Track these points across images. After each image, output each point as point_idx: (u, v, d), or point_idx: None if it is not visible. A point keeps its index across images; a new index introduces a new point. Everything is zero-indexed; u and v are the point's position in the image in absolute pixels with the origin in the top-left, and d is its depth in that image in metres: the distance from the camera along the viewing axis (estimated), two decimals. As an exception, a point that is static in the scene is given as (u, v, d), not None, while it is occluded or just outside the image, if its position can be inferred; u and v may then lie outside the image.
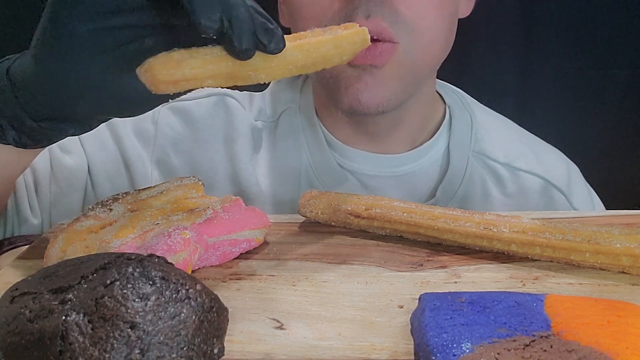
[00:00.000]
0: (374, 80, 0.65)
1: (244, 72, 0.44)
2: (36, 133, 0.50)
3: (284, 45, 0.43)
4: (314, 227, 0.61)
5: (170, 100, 0.48)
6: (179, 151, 0.76)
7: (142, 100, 0.48)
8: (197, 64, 0.43)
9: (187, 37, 0.44)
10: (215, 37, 0.42)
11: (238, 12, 0.41)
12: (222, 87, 0.45)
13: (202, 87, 0.44)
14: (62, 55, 0.44)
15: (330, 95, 0.70)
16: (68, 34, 0.43)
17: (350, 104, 0.67)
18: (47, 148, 0.64)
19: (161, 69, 0.42)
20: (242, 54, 0.42)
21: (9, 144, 0.51)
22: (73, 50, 0.44)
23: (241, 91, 0.47)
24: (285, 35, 0.44)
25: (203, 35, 0.42)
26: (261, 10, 0.43)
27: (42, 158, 0.70)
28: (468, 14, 0.74)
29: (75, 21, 0.43)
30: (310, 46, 0.46)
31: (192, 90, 0.44)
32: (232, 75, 0.44)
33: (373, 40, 0.63)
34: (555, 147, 0.84)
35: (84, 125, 0.51)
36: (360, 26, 0.49)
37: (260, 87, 0.46)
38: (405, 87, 0.68)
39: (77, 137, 0.72)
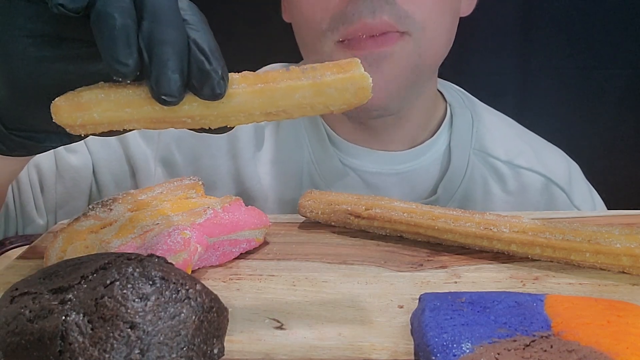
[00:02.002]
0: (378, 75, 0.65)
1: (176, 118, 0.37)
2: (9, 141, 0.45)
3: (223, 92, 0.36)
4: (314, 227, 0.61)
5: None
6: (182, 149, 0.76)
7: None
8: (110, 107, 0.37)
9: None
10: (129, 82, 0.36)
11: (162, 51, 0.35)
12: (157, 126, 0.38)
13: (126, 128, 0.38)
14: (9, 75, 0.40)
15: None
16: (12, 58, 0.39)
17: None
18: None
19: (64, 110, 0.37)
20: (160, 100, 0.35)
21: None
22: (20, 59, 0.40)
23: (198, 132, 0.40)
24: (247, 73, 0.38)
25: (116, 78, 0.36)
26: (208, 42, 0.36)
27: (48, 158, 0.70)
28: (469, 12, 0.74)
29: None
30: (276, 92, 0.37)
31: (114, 131, 0.38)
32: (159, 120, 0.37)
33: (379, 34, 0.63)
34: (555, 146, 0.84)
35: (62, 137, 0.46)
36: (364, 70, 0.38)
37: (216, 131, 0.40)
38: (407, 86, 0.68)
39: None
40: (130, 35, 0.35)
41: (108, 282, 0.34)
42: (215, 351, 0.36)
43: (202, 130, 0.40)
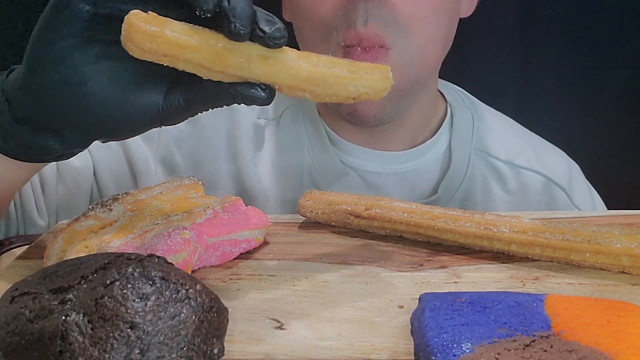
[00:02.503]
0: None
1: (235, 57, 0.40)
2: (19, 138, 0.47)
3: (285, 38, 0.41)
4: (314, 227, 0.61)
5: (161, 124, 0.46)
6: (182, 149, 0.76)
7: (130, 120, 0.46)
8: (182, 30, 0.40)
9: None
10: (210, 16, 0.40)
11: None
12: (209, 69, 0.41)
13: (183, 60, 0.41)
14: (58, 34, 0.43)
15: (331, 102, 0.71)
16: (70, 12, 0.42)
17: (350, 115, 0.69)
18: None
19: (141, 18, 0.39)
20: (234, 32, 0.39)
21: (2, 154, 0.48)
22: (71, 28, 0.42)
23: (248, 105, 0.43)
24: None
25: (198, 14, 0.39)
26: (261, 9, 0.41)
27: None
28: (470, 13, 0.74)
29: (65, 29, 0.42)
30: (320, 60, 0.42)
31: (170, 65, 0.41)
32: (219, 58, 0.40)
33: (368, 47, 0.64)
34: (555, 146, 0.84)
35: (67, 140, 0.47)
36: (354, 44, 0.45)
37: (261, 100, 0.43)
38: (402, 94, 0.68)
39: None
40: None
41: (108, 282, 0.34)
42: (215, 351, 0.36)
43: (247, 101, 0.43)
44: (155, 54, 0.40)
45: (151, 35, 0.39)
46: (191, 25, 0.40)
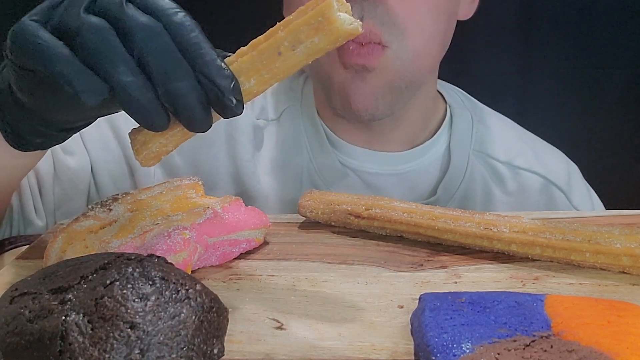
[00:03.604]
0: (364, 85, 0.66)
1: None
2: (46, 135, 0.49)
3: (241, 110, 0.41)
4: (314, 227, 0.61)
5: None
6: (181, 150, 0.75)
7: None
8: (163, 141, 0.43)
9: None
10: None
11: (183, 102, 0.39)
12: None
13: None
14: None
15: (326, 96, 0.72)
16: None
17: (343, 109, 0.69)
18: (49, 150, 0.64)
19: (136, 153, 0.44)
20: (199, 132, 0.42)
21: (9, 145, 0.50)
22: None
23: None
24: (243, 49, 0.41)
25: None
26: (214, 69, 0.39)
27: (45, 160, 0.70)
28: (470, 16, 0.74)
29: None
30: (263, 52, 0.40)
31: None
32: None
33: (364, 43, 0.64)
34: (555, 147, 0.84)
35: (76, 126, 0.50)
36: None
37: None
38: (395, 92, 0.68)
39: (79, 138, 0.72)
40: (154, 104, 0.40)
41: (108, 282, 0.34)
42: (215, 351, 0.35)
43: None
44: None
45: (153, 157, 0.45)
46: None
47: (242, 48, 0.42)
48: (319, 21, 0.39)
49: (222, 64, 0.40)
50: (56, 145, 0.55)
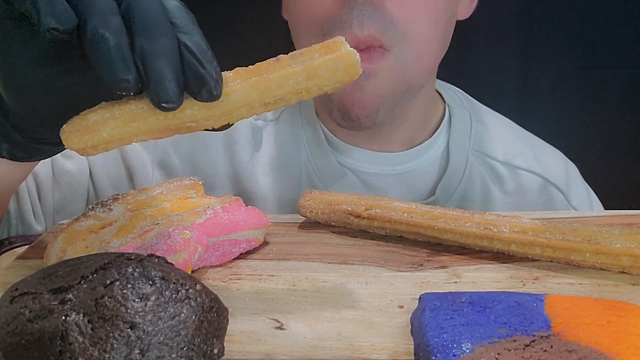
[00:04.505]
0: (363, 94, 0.66)
1: (181, 124, 0.38)
2: (28, 149, 0.47)
3: (219, 92, 0.37)
4: (314, 227, 0.61)
5: None
6: (179, 152, 0.76)
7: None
8: (117, 125, 0.38)
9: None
10: (132, 94, 0.37)
11: (156, 64, 0.35)
12: (163, 137, 0.40)
13: (135, 143, 0.40)
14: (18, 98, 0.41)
15: (324, 102, 0.72)
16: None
17: (341, 117, 0.69)
18: None
19: (74, 136, 0.38)
20: (163, 108, 0.37)
21: (3, 157, 0.48)
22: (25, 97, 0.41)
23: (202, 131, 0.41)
24: (239, 69, 0.39)
25: (119, 93, 0.36)
26: (199, 46, 0.37)
27: (44, 165, 0.70)
28: (468, 16, 0.74)
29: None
30: (271, 82, 0.38)
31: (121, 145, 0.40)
32: (166, 129, 0.39)
33: (365, 48, 0.64)
34: (555, 147, 0.84)
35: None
36: (350, 46, 0.40)
37: (219, 129, 0.41)
38: (396, 98, 0.68)
39: None
40: (125, 53, 0.35)
41: (108, 282, 0.34)
42: (215, 351, 0.36)
43: (205, 129, 0.40)
44: (107, 150, 0.39)
45: (92, 147, 0.38)
46: (124, 108, 0.38)
47: (238, 69, 0.39)
48: (339, 67, 0.39)
49: (209, 51, 0.37)
50: None
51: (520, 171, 0.77)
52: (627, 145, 1.12)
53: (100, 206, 0.53)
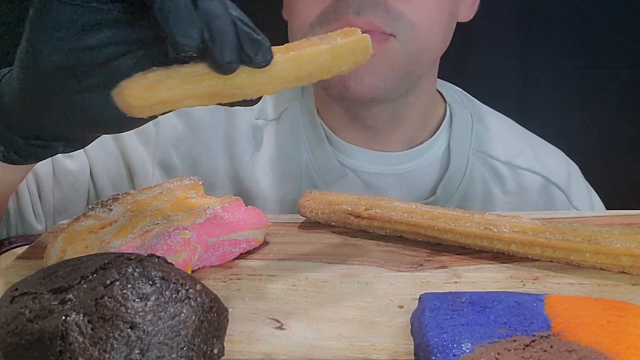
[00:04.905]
0: (361, 67, 0.65)
1: (229, 90, 0.41)
2: (24, 150, 0.48)
3: (272, 58, 0.40)
4: (314, 227, 0.61)
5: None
6: (180, 152, 0.76)
7: (127, 119, 0.43)
8: (174, 85, 0.39)
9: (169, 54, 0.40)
10: (196, 55, 0.39)
11: (220, 24, 0.38)
12: (206, 104, 0.41)
13: (182, 107, 0.41)
14: (41, 82, 0.42)
15: (321, 83, 0.71)
16: (45, 61, 0.41)
17: (338, 90, 0.68)
18: None
19: (134, 92, 0.39)
20: (224, 68, 0.39)
21: None
22: (51, 77, 0.41)
23: (232, 107, 0.43)
24: (275, 47, 0.41)
25: (182, 55, 0.38)
26: (247, 20, 0.40)
27: (45, 164, 0.70)
28: (470, 18, 0.74)
29: (51, 47, 0.40)
30: (304, 58, 0.42)
31: (171, 111, 0.41)
32: (215, 94, 0.41)
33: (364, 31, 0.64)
34: (555, 147, 0.84)
35: (74, 143, 0.48)
36: (362, 32, 0.44)
37: (249, 103, 0.43)
38: (396, 79, 0.68)
39: None
40: (192, 13, 0.37)
41: (108, 282, 0.34)
42: (215, 351, 0.36)
43: (236, 103, 0.42)
44: (157, 113, 0.41)
45: (149, 105, 0.40)
46: (180, 71, 0.40)
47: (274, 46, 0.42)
48: (357, 48, 0.44)
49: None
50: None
51: (522, 171, 0.77)
52: (626, 145, 1.12)
53: (100, 206, 0.53)
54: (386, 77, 0.67)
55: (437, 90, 0.80)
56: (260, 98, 0.43)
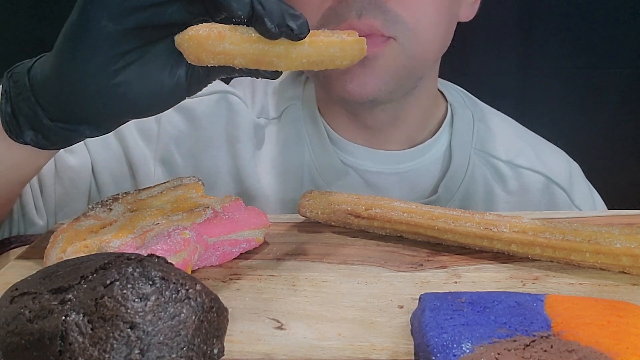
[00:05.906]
0: (363, 70, 0.66)
1: (269, 57, 0.45)
2: (53, 134, 0.50)
3: (309, 31, 0.45)
4: (314, 227, 0.61)
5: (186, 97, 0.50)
6: (181, 149, 0.76)
7: (162, 99, 0.49)
8: (237, 40, 0.44)
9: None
10: (245, 20, 0.44)
11: None
12: (244, 69, 0.47)
13: (231, 65, 0.46)
14: (86, 53, 0.45)
15: (322, 84, 0.71)
16: (96, 32, 0.44)
17: (339, 92, 0.68)
18: None
19: (206, 39, 0.44)
20: (272, 33, 0.43)
21: (27, 144, 0.50)
22: (99, 49, 0.45)
23: (257, 78, 0.49)
24: None
25: (234, 19, 0.44)
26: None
27: None
28: (470, 18, 0.74)
29: (105, 19, 0.44)
30: (323, 44, 0.47)
31: (223, 66, 0.46)
32: (258, 58, 0.45)
33: (362, 35, 0.64)
34: (555, 146, 0.84)
35: (100, 127, 0.50)
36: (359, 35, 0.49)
37: (274, 75, 0.48)
38: (397, 81, 0.68)
39: None
40: None
41: (108, 282, 0.34)
42: (215, 351, 0.36)
43: (266, 73, 0.48)
44: (208, 62, 0.46)
45: (213, 51, 0.44)
46: (237, 29, 0.45)
47: None
48: (356, 46, 0.48)
49: None
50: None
51: (523, 170, 0.77)
52: (626, 145, 1.12)
53: (100, 206, 0.53)
54: (387, 79, 0.67)
55: (439, 90, 0.80)
56: (280, 73, 0.48)
